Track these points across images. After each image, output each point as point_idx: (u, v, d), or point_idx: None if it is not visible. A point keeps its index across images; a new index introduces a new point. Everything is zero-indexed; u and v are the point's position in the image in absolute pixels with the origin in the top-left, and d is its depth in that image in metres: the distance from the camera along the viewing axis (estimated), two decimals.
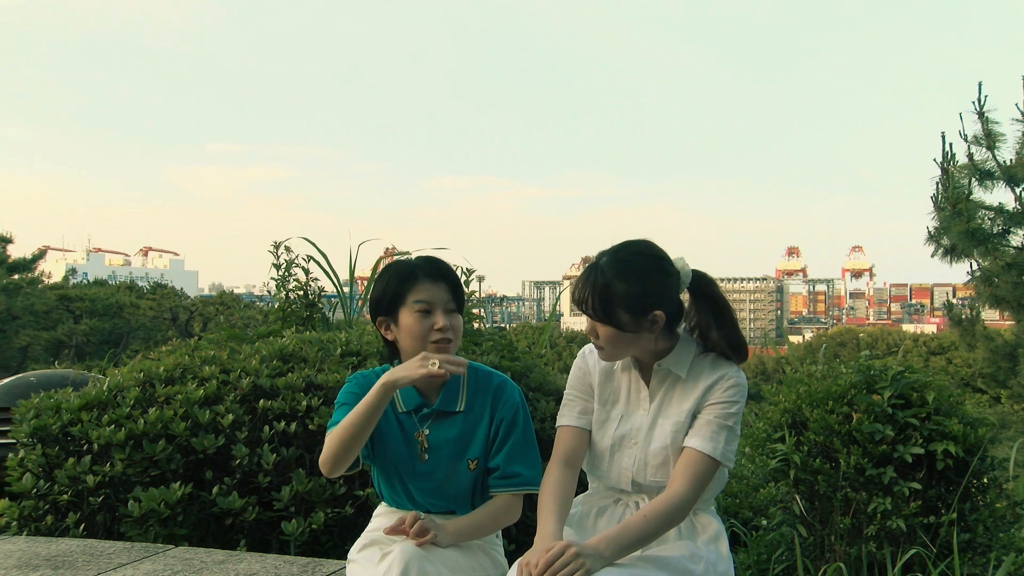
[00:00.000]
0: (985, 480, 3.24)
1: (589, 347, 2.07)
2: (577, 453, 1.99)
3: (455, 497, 2.10)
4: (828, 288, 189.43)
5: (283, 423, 3.26)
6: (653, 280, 1.84)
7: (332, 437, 1.96)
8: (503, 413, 2.10)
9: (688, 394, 1.89)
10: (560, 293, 16.74)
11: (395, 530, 1.92)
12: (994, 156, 7.41)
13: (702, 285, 1.93)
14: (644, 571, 1.74)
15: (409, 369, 1.89)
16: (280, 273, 5.21)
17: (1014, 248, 7.59)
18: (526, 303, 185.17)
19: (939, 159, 7.70)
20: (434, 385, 2.11)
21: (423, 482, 2.09)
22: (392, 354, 2.16)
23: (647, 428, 1.92)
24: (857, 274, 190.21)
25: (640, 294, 1.81)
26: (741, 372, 1.90)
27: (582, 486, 2.10)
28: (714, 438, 1.84)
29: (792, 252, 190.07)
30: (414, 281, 2.04)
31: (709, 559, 1.85)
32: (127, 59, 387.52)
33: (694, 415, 1.88)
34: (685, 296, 1.97)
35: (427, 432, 2.09)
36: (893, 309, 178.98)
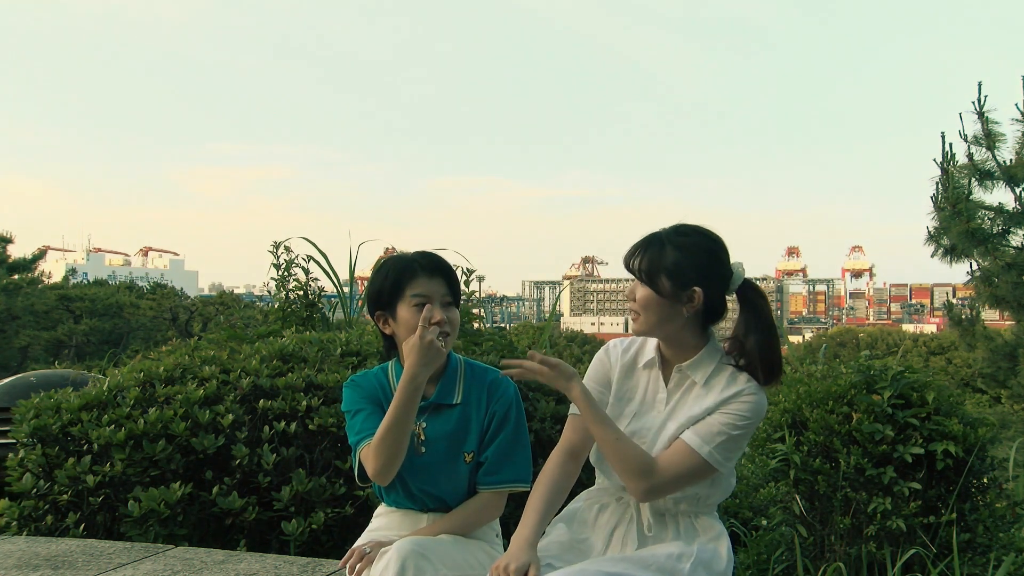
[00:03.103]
0: (985, 480, 3.24)
1: (614, 342, 2.08)
2: (583, 443, 1.99)
3: (451, 491, 2.10)
4: (828, 288, 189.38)
5: (283, 423, 3.26)
6: (702, 257, 1.87)
7: (377, 450, 1.97)
8: (496, 407, 2.12)
9: (700, 402, 1.88)
10: (560, 293, 16.74)
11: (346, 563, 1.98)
12: (994, 156, 7.42)
13: (751, 294, 1.92)
14: (627, 569, 1.75)
15: (415, 355, 1.92)
16: (280, 273, 5.21)
17: (1014, 248, 7.59)
18: (526, 303, 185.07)
19: (939, 159, 7.70)
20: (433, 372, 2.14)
21: (420, 476, 2.09)
22: (390, 349, 2.18)
23: (657, 429, 1.91)
24: (857, 274, 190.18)
25: (686, 265, 1.84)
26: (762, 392, 1.86)
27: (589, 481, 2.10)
28: (708, 438, 1.82)
29: (792, 252, 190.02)
30: (412, 275, 2.07)
31: (701, 558, 1.83)
32: (127, 59, 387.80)
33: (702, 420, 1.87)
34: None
35: (424, 425, 2.10)
36: (893, 309, 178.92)
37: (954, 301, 10.13)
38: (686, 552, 1.83)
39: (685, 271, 1.84)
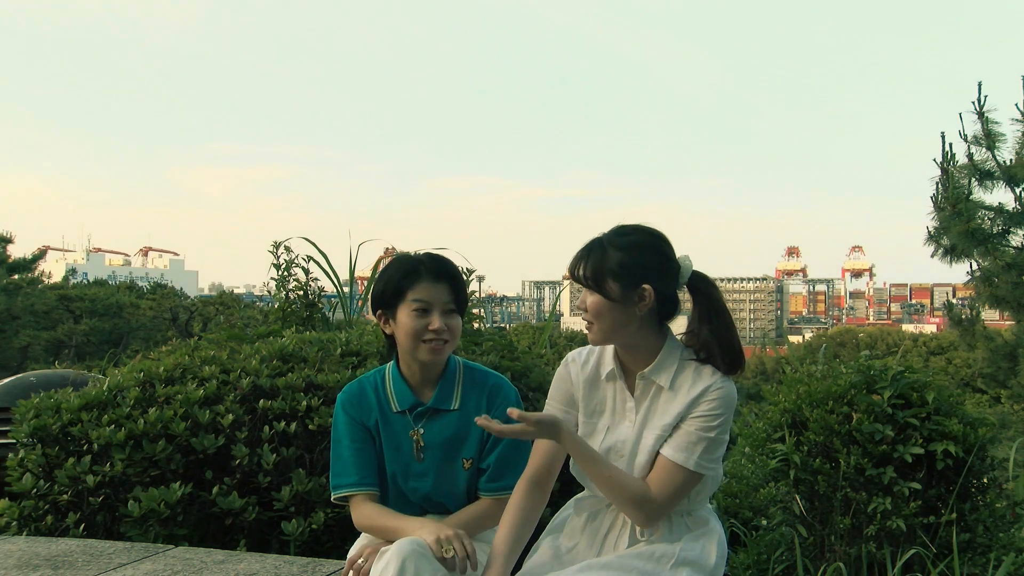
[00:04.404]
0: (985, 480, 3.24)
1: (572, 355, 2.03)
2: (550, 471, 1.96)
3: (450, 497, 2.10)
4: (828, 288, 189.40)
5: (283, 423, 3.26)
6: (646, 253, 1.84)
7: (369, 527, 2.06)
8: (497, 414, 2.08)
9: (670, 406, 1.84)
10: (560, 293, 16.78)
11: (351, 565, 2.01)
12: (994, 156, 7.42)
13: (701, 284, 1.90)
14: (604, 572, 1.75)
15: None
16: (280, 273, 5.21)
17: (1014, 248, 7.60)
18: (526, 303, 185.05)
19: (939, 159, 7.71)
20: (428, 385, 2.14)
21: (419, 482, 2.09)
22: (391, 349, 2.16)
23: (633, 441, 1.87)
24: (857, 274, 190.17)
25: (631, 264, 1.81)
26: (728, 381, 1.83)
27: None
28: (689, 449, 1.80)
29: (792, 252, 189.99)
30: (416, 279, 2.04)
31: (685, 556, 1.82)
32: (129, 59, 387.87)
33: (676, 427, 1.83)
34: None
35: (422, 431, 2.09)
36: (893, 309, 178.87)
37: (954, 301, 10.14)
38: (667, 553, 1.81)
39: (631, 270, 1.81)
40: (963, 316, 9.00)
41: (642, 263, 1.82)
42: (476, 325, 4.85)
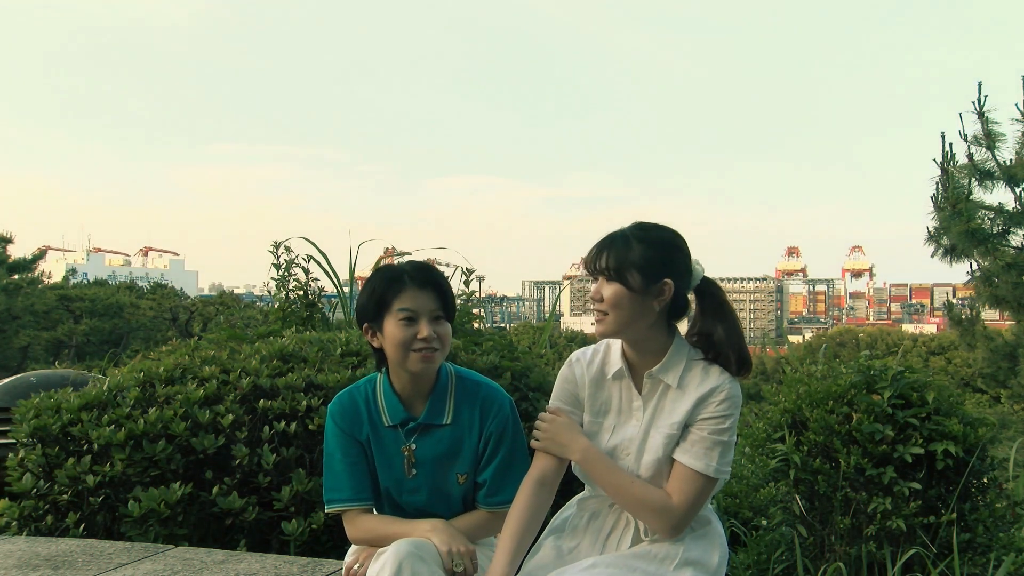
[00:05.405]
0: (985, 480, 3.24)
1: (576, 355, 2.03)
2: (555, 471, 1.96)
3: (445, 510, 2.08)
4: (828, 288, 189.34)
5: (283, 423, 3.26)
6: (668, 249, 1.87)
7: (366, 538, 2.04)
8: (492, 428, 2.07)
9: (678, 405, 1.85)
10: (560, 293, 16.78)
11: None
12: (994, 156, 7.44)
13: (711, 288, 1.92)
14: (608, 571, 1.75)
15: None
16: (280, 273, 5.21)
17: (1014, 248, 7.61)
18: (526, 303, 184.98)
19: (939, 159, 7.72)
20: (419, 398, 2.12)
21: (412, 497, 2.07)
22: (380, 362, 2.12)
23: (640, 440, 1.88)
24: (857, 274, 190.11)
25: (654, 258, 1.84)
26: (734, 382, 1.85)
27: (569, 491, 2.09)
28: (707, 455, 1.81)
29: (792, 252, 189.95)
30: (400, 288, 2.00)
31: (688, 556, 1.82)
32: (129, 58, 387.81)
33: (685, 426, 1.84)
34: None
35: (414, 447, 2.06)
36: (893, 309, 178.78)
37: (954, 301, 10.16)
38: (670, 553, 1.82)
39: (654, 264, 1.83)
40: (963, 316, 9.01)
41: (664, 259, 1.85)
42: (476, 325, 4.86)
